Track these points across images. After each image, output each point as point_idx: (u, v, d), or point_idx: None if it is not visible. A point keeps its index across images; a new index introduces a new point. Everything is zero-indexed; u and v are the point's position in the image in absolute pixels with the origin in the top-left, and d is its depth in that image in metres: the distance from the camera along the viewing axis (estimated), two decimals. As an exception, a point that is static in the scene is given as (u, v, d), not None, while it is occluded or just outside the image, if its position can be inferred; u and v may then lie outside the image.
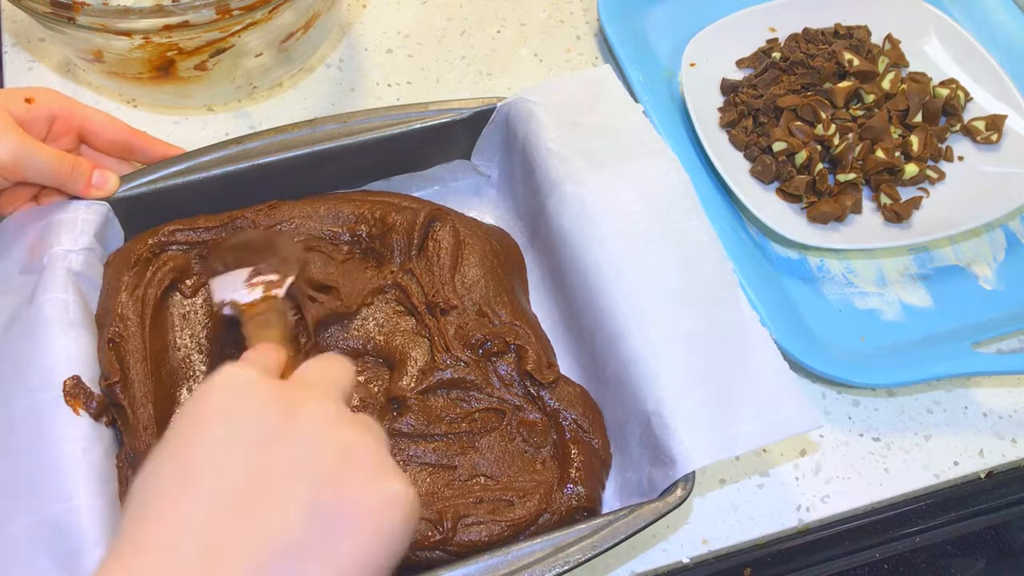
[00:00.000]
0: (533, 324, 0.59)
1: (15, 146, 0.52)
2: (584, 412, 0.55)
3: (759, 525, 0.58)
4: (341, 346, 0.57)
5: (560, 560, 0.47)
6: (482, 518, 0.51)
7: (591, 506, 0.53)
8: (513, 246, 0.64)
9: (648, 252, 0.56)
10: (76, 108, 0.58)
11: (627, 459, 0.54)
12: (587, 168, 0.59)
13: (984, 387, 0.64)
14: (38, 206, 0.58)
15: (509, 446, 0.54)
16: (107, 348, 0.54)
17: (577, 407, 0.55)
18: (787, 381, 0.52)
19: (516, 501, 0.52)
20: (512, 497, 0.52)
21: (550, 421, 0.55)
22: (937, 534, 0.61)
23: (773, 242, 0.69)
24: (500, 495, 0.52)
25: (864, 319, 0.66)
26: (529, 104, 0.62)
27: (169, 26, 0.59)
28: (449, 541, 0.50)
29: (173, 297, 0.59)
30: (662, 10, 0.80)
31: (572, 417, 0.55)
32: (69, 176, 0.56)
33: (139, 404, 0.53)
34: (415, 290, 0.59)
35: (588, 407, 0.56)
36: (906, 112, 0.72)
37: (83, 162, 0.57)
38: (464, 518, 0.51)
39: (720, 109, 0.73)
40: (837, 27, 0.77)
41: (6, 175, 0.54)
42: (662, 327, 0.53)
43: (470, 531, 0.50)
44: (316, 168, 0.62)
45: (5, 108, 0.54)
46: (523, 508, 0.51)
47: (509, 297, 0.59)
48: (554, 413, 0.55)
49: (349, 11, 0.81)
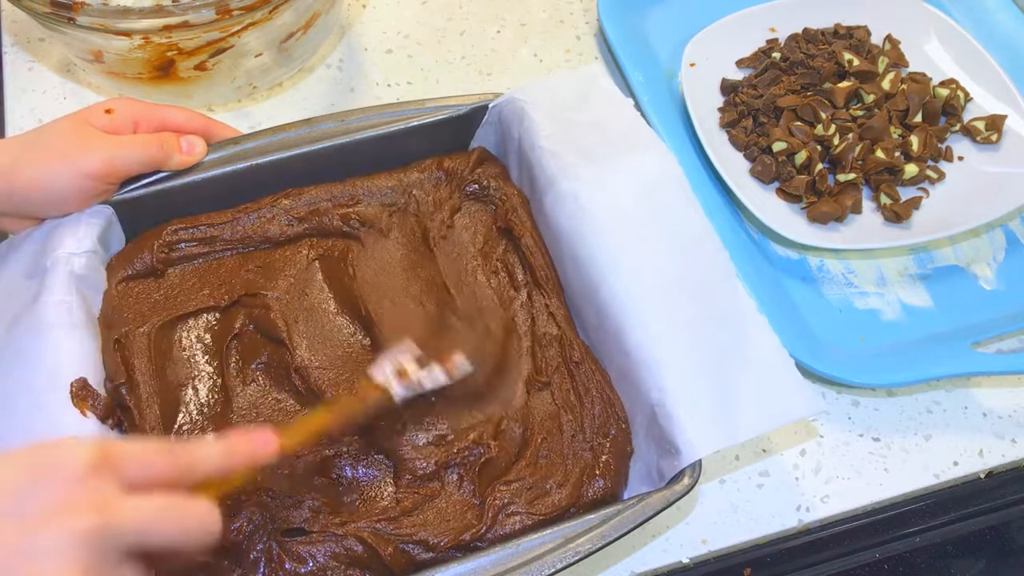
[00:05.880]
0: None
1: (103, 151, 0.55)
2: (612, 399, 0.55)
3: (759, 525, 0.58)
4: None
5: (571, 550, 0.47)
6: (520, 508, 0.51)
7: (612, 501, 0.53)
8: None
9: (645, 244, 0.57)
10: (155, 110, 0.59)
11: (636, 450, 0.54)
12: (581, 164, 0.60)
13: (984, 387, 0.64)
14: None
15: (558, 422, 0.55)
16: (113, 350, 0.54)
17: (606, 392, 0.55)
18: (787, 367, 0.53)
19: (553, 489, 0.52)
20: (550, 484, 0.52)
21: (583, 405, 0.55)
22: (937, 534, 0.61)
23: (773, 242, 0.69)
24: (541, 481, 0.52)
25: (864, 319, 0.66)
26: (521, 103, 0.62)
27: (169, 26, 0.59)
28: (483, 537, 0.50)
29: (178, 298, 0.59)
30: (662, 10, 0.80)
31: (601, 404, 0.55)
32: (160, 152, 0.57)
33: (145, 405, 0.53)
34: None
35: (615, 395, 0.56)
36: (906, 112, 0.72)
37: (167, 135, 0.58)
38: (505, 507, 0.51)
39: (720, 109, 0.73)
40: (837, 27, 0.77)
41: (108, 180, 0.56)
42: (662, 318, 0.54)
43: (507, 523, 0.51)
44: (314, 167, 0.62)
45: (87, 122, 0.56)
46: (556, 497, 0.52)
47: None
48: (586, 396, 0.55)
49: (349, 11, 0.81)
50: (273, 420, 0.55)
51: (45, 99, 0.74)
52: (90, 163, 0.55)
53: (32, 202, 0.55)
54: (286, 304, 0.59)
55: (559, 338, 0.57)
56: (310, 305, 0.59)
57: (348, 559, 0.49)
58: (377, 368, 0.51)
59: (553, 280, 0.60)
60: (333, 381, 0.56)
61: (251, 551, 0.49)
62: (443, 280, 0.60)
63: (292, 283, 0.60)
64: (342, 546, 0.49)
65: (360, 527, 0.50)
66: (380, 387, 0.50)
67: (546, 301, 0.59)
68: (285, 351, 0.57)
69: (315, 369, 0.56)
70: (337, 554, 0.49)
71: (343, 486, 0.52)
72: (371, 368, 0.51)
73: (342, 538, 0.50)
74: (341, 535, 0.50)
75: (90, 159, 0.55)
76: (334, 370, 0.56)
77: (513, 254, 0.62)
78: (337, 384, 0.55)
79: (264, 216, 0.61)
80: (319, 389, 0.55)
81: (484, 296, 0.60)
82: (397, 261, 0.61)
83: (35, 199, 0.55)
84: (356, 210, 0.62)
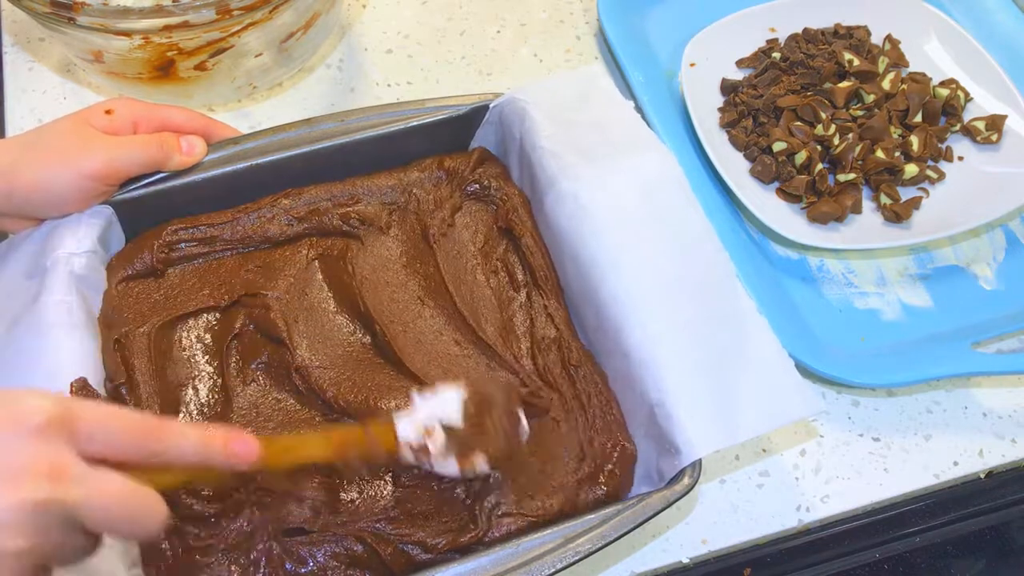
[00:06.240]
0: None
1: (103, 153, 0.55)
2: (612, 402, 0.55)
3: (759, 525, 0.58)
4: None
5: (571, 550, 0.47)
6: (520, 512, 0.51)
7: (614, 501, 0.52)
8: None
9: (645, 245, 0.57)
10: (155, 110, 0.59)
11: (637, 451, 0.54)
12: (581, 164, 0.60)
13: (984, 387, 0.64)
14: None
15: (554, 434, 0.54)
16: (113, 350, 0.54)
17: (606, 395, 0.55)
18: (787, 368, 0.53)
19: (555, 494, 0.51)
20: (552, 489, 0.52)
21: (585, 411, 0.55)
22: (937, 534, 0.61)
23: (773, 242, 0.69)
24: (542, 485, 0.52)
25: (864, 319, 0.66)
26: (522, 103, 0.62)
27: (169, 26, 0.59)
28: (481, 539, 0.50)
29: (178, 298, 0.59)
30: (662, 10, 0.80)
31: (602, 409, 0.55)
32: (160, 152, 0.57)
33: (145, 405, 0.53)
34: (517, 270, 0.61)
35: (614, 397, 0.56)
36: (906, 112, 0.72)
37: (167, 136, 0.58)
38: (505, 511, 0.50)
39: (720, 109, 0.73)
40: (837, 27, 0.77)
41: (108, 181, 0.56)
42: (661, 318, 0.54)
43: (505, 526, 0.50)
44: (314, 167, 0.62)
45: (87, 122, 0.56)
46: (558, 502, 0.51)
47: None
48: (588, 402, 0.55)
49: (349, 11, 0.81)
50: (273, 420, 0.55)
51: (45, 99, 0.74)
52: (90, 164, 0.55)
53: (32, 203, 0.55)
54: (286, 304, 0.59)
55: (558, 341, 0.57)
56: (310, 304, 0.59)
57: (348, 559, 0.49)
58: (405, 423, 0.47)
59: (553, 280, 0.60)
60: (333, 380, 0.56)
61: (251, 551, 0.49)
62: (442, 277, 0.60)
63: (292, 283, 0.60)
64: (342, 546, 0.49)
65: (360, 527, 0.50)
66: (393, 443, 0.46)
67: (545, 302, 0.59)
68: (285, 351, 0.57)
69: (315, 368, 0.56)
70: (337, 554, 0.49)
71: (343, 486, 0.52)
72: (397, 415, 0.47)
73: (342, 538, 0.50)
74: (341, 535, 0.50)
75: (90, 160, 0.55)
76: (334, 369, 0.56)
77: (513, 254, 0.62)
78: (337, 383, 0.55)
79: (264, 216, 0.61)
80: (319, 388, 0.55)
81: (483, 296, 0.60)
82: (396, 258, 0.61)
83: (35, 200, 0.55)
84: (356, 209, 0.62)
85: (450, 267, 0.61)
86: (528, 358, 0.57)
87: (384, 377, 0.56)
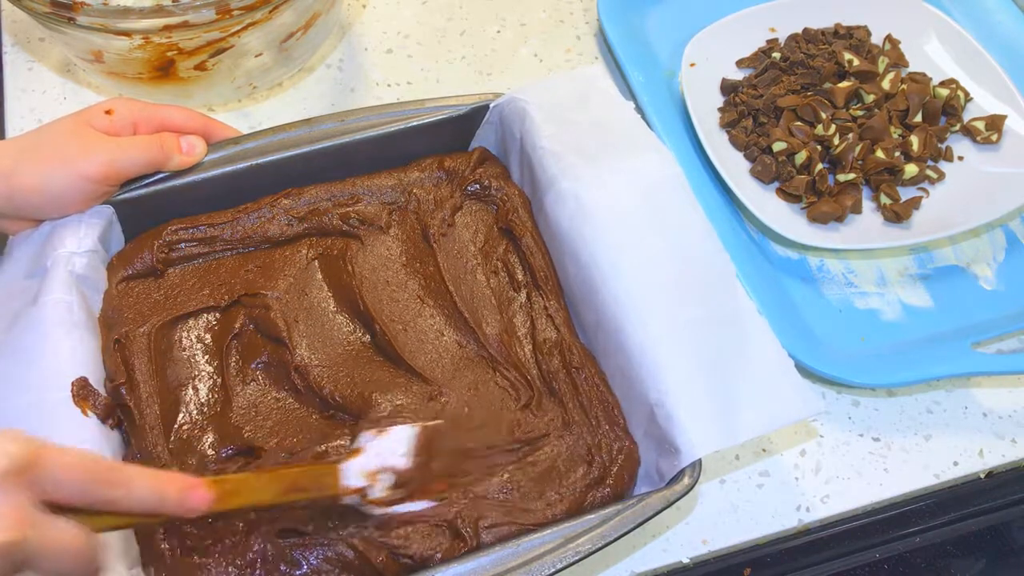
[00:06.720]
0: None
1: (103, 154, 0.55)
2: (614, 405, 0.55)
3: (759, 525, 0.58)
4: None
5: (571, 550, 0.47)
6: (520, 519, 0.50)
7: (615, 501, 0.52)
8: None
9: (645, 245, 0.57)
10: (155, 110, 0.59)
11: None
12: (581, 164, 0.60)
13: (984, 387, 0.64)
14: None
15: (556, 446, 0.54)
16: (113, 349, 0.54)
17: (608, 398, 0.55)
18: (787, 368, 0.53)
19: (556, 502, 0.51)
20: (552, 496, 0.52)
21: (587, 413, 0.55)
22: (937, 534, 0.61)
23: (773, 242, 0.69)
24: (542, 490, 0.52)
25: (864, 319, 0.66)
26: (522, 103, 0.62)
27: (169, 26, 0.59)
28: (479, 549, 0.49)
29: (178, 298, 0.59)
30: (662, 10, 0.80)
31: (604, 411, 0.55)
32: (161, 153, 0.57)
33: (145, 405, 0.53)
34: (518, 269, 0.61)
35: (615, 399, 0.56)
36: (906, 112, 0.72)
37: (167, 136, 0.58)
38: (505, 516, 0.50)
39: (720, 109, 0.73)
40: (837, 27, 0.77)
41: (108, 182, 0.56)
42: (662, 318, 0.54)
43: (504, 530, 0.50)
44: (314, 167, 0.62)
45: (87, 123, 0.56)
46: (560, 508, 0.51)
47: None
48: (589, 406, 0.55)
49: (349, 11, 0.81)
50: (273, 419, 0.55)
51: (45, 99, 0.74)
52: (90, 166, 0.55)
53: (33, 205, 0.55)
54: (286, 304, 0.59)
55: (559, 343, 0.57)
56: (310, 304, 0.59)
57: (340, 563, 0.49)
58: (349, 467, 0.48)
59: (553, 281, 0.60)
60: (332, 378, 0.56)
61: (248, 551, 0.49)
62: (443, 277, 0.60)
63: (292, 283, 0.60)
64: (334, 551, 0.49)
65: (350, 532, 0.50)
66: (336, 487, 0.47)
67: (545, 303, 0.59)
68: (285, 350, 0.57)
69: (315, 368, 0.56)
70: (330, 558, 0.49)
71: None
72: (346, 458, 0.48)
73: (334, 542, 0.49)
74: (334, 539, 0.49)
75: (90, 162, 0.55)
76: (334, 369, 0.56)
77: (513, 254, 0.62)
78: (335, 380, 0.55)
79: (264, 216, 0.61)
80: (319, 387, 0.55)
81: (484, 296, 0.60)
82: (396, 258, 0.61)
83: (35, 202, 0.55)
84: (356, 209, 0.62)
85: (450, 267, 0.61)
86: (531, 361, 0.57)
87: (384, 374, 0.56)
